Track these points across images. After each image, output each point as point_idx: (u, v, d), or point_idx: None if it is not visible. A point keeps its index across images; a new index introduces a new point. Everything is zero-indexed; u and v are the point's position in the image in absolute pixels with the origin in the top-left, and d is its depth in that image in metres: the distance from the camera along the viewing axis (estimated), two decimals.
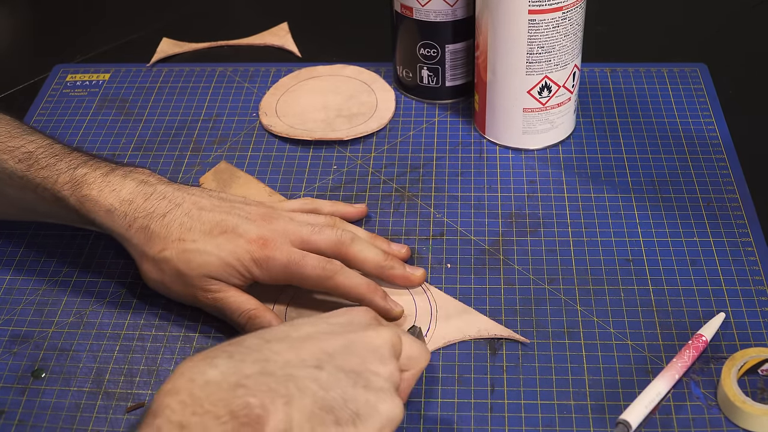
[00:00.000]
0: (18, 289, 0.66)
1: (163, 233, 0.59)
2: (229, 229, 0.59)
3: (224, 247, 0.59)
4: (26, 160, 0.62)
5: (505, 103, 0.73)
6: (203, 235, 0.59)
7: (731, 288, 0.63)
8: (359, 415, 0.45)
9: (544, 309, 0.62)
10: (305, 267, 0.59)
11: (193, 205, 0.60)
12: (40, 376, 0.60)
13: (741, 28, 0.89)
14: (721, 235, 0.67)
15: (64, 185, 0.61)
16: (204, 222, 0.59)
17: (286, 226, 0.61)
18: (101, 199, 0.60)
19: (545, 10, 0.67)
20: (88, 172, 0.61)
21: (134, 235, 0.60)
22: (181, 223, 0.59)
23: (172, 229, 0.59)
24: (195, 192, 0.62)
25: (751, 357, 0.57)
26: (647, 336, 0.60)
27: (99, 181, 0.61)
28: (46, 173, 0.61)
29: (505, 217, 0.69)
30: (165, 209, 0.60)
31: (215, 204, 0.61)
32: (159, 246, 0.59)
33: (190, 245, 0.59)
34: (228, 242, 0.59)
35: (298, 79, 0.83)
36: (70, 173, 0.61)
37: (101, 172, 0.61)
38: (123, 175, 0.61)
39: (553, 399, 0.57)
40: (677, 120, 0.78)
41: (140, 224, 0.59)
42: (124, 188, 0.60)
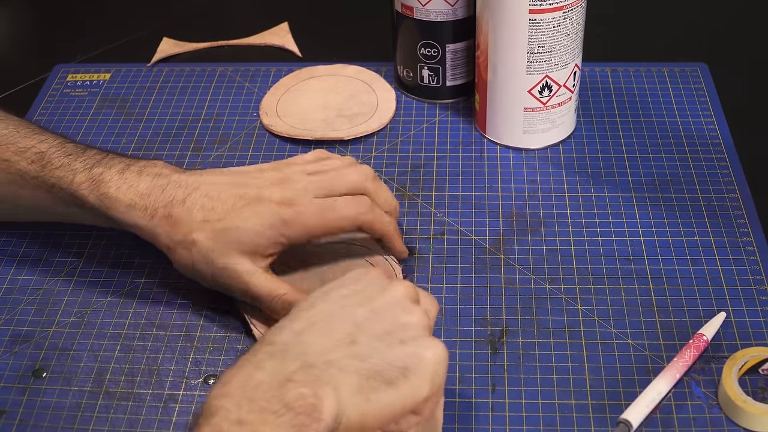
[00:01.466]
0: (19, 289, 0.66)
1: (186, 217, 0.59)
2: (252, 199, 0.59)
3: (251, 218, 0.59)
4: (39, 161, 0.62)
5: (505, 103, 0.73)
6: (227, 211, 0.59)
7: (732, 287, 0.63)
8: (407, 368, 0.47)
9: (545, 308, 0.62)
10: (339, 210, 0.60)
11: (210, 186, 0.61)
12: (41, 375, 0.60)
13: (742, 28, 0.89)
14: (721, 234, 0.67)
15: (81, 184, 0.61)
16: (225, 199, 0.60)
17: (306, 182, 0.61)
18: (120, 195, 0.60)
19: (546, 9, 0.67)
20: (105, 171, 0.61)
21: (158, 225, 0.60)
22: (202, 204, 0.59)
23: (194, 212, 0.59)
24: (209, 173, 0.62)
25: (752, 356, 0.57)
26: (648, 335, 0.60)
27: (116, 179, 0.61)
28: (62, 173, 0.62)
29: (505, 217, 0.69)
30: (183, 195, 0.60)
31: (231, 180, 0.61)
32: (185, 229, 0.59)
33: (217, 224, 0.59)
34: (254, 212, 0.59)
35: (299, 78, 0.83)
36: (87, 173, 0.61)
37: (117, 169, 0.61)
38: (138, 171, 0.61)
39: (555, 398, 0.57)
40: (678, 119, 0.78)
41: (162, 213, 0.60)
42: (141, 183, 0.61)
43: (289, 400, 0.44)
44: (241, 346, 0.61)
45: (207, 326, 0.62)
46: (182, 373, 0.59)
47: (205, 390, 0.58)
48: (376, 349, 0.47)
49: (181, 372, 0.59)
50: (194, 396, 0.58)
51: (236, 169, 0.63)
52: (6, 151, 0.63)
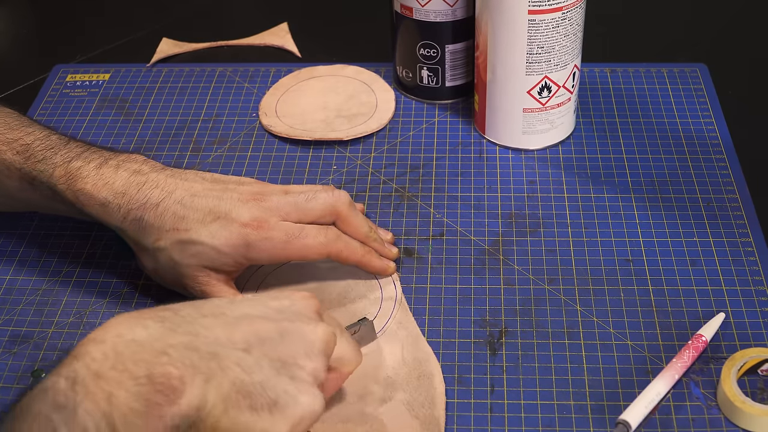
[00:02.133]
0: (18, 289, 0.66)
1: (157, 223, 0.59)
2: (222, 215, 0.59)
3: (218, 234, 0.59)
4: (24, 153, 0.62)
5: (504, 104, 0.73)
6: (196, 223, 0.59)
7: (731, 288, 0.63)
8: (277, 403, 0.45)
9: (543, 309, 0.62)
10: (306, 238, 0.60)
11: (186, 192, 0.60)
12: (40, 376, 0.60)
13: (742, 29, 0.89)
14: (720, 235, 0.67)
15: (60, 179, 0.61)
16: (197, 209, 0.59)
17: (279, 201, 0.60)
18: (95, 192, 0.60)
19: (545, 10, 0.67)
20: (83, 165, 0.61)
21: (129, 227, 0.60)
22: (174, 212, 0.59)
23: (166, 218, 0.59)
24: (188, 176, 0.61)
25: (751, 357, 0.57)
26: (647, 336, 0.60)
27: (93, 174, 0.61)
28: (42, 166, 0.62)
29: (504, 218, 0.69)
30: (158, 198, 0.59)
31: (208, 188, 0.61)
32: (153, 236, 0.60)
33: (183, 235, 0.59)
34: (222, 229, 0.59)
35: (298, 79, 0.83)
36: (65, 166, 0.61)
37: (95, 164, 0.61)
38: (116, 166, 0.61)
39: (553, 399, 0.57)
40: (677, 120, 0.78)
41: (134, 216, 0.60)
42: (117, 180, 0.60)
43: (154, 373, 0.42)
44: None
45: None
46: None
47: None
48: (263, 369, 0.45)
49: None
50: None
51: (217, 176, 0.63)
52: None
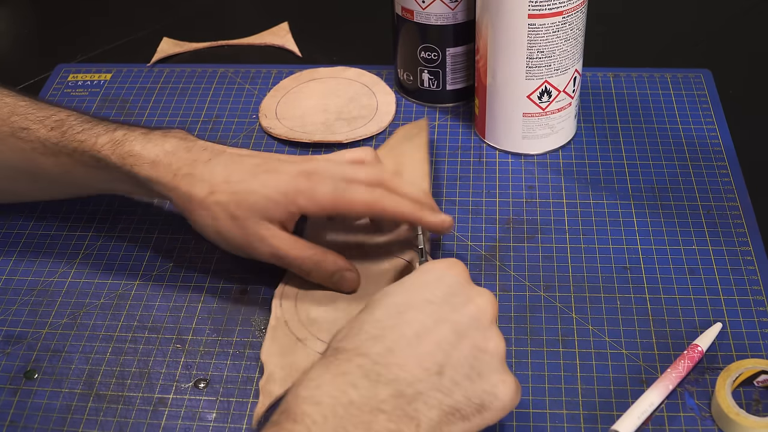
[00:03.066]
0: (13, 290, 0.66)
1: (208, 176, 0.60)
2: (271, 168, 0.60)
3: (269, 183, 0.59)
4: (59, 128, 0.63)
5: (504, 108, 0.73)
6: (247, 174, 0.60)
7: (729, 298, 0.62)
8: (483, 405, 0.49)
9: (539, 316, 0.62)
10: (352, 193, 0.59)
11: (234, 154, 0.62)
12: (33, 376, 0.60)
13: (746, 35, 0.89)
14: (720, 244, 0.66)
15: (104, 145, 0.61)
16: (246, 165, 0.60)
17: (326, 165, 0.61)
18: (145, 152, 0.61)
19: (545, 14, 0.67)
20: (128, 132, 0.62)
21: (180, 183, 0.60)
22: (225, 165, 0.60)
23: (216, 172, 0.60)
24: (234, 148, 0.63)
25: (747, 368, 0.56)
26: (642, 345, 0.59)
27: (141, 138, 0.62)
28: (84, 137, 0.62)
29: (502, 223, 0.69)
30: (207, 157, 0.61)
31: (254, 154, 0.62)
32: (206, 189, 0.60)
33: (236, 186, 0.59)
34: (272, 178, 0.60)
35: (299, 81, 0.83)
36: (109, 135, 0.62)
37: (140, 132, 0.62)
38: (163, 134, 0.62)
39: (546, 408, 0.56)
40: (679, 126, 0.77)
41: (185, 172, 0.60)
42: (167, 142, 0.61)
43: (376, 430, 0.45)
44: (232, 351, 0.61)
45: (199, 330, 0.62)
46: (173, 377, 0.59)
47: (195, 394, 0.58)
48: (458, 385, 0.48)
49: (171, 375, 0.59)
50: (184, 400, 0.58)
51: (263, 153, 0.63)
52: (25, 120, 0.63)
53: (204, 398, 0.58)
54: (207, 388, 0.58)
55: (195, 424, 0.56)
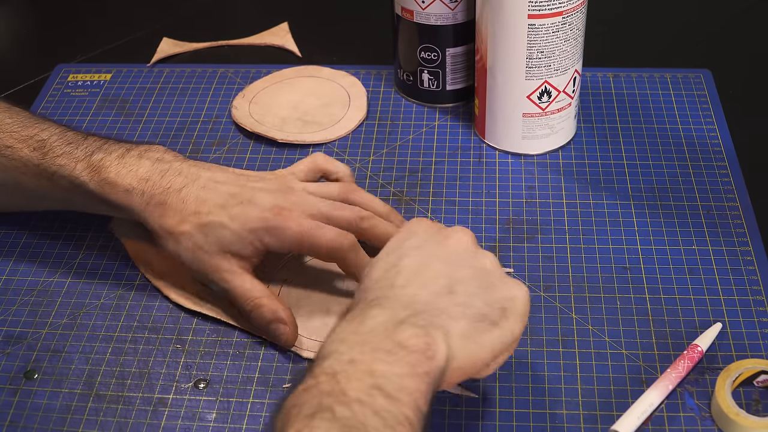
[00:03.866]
0: (13, 290, 0.66)
1: (179, 207, 0.60)
2: (245, 200, 0.60)
3: (238, 217, 0.59)
4: (41, 149, 0.63)
5: (504, 108, 0.73)
6: (218, 207, 0.59)
7: (729, 298, 0.62)
8: (505, 308, 0.50)
9: (539, 317, 0.62)
10: (320, 237, 0.59)
11: (209, 180, 0.61)
12: (33, 377, 0.60)
13: (746, 35, 0.89)
14: (720, 244, 0.66)
15: (82, 171, 0.62)
16: (220, 194, 0.60)
17: (303, 198, 0.61)
18: (119, 180, 0.61)
19: (545, 14, 0.67)
20: (104, 157, 0.62)
21: (152, 211, 0.60)
22: (197, 196, 0.60)
23: (188, 202, 0.60)
24: (211, 167, 0.62)
25: (747, 368, 0.56)
26: (642, 345, 0.59)
27: (116, 164, 0.61)
28: (63, 161, 0.62)
29: (502, 223, 0.69)
30: (181, 184, 0.60)
31: (231, 178, 0.61)
32: (176, 219, 0.60)
33: (205, 218, 0.59)
34: (242, 213, 0.59)
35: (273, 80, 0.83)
36: (87, 160, 0.62)
37: (117, 154, 0.62)
38: (138, 155, 0.62)
39: (546, 408, 0.56)
40: (679, 126, 0.77)
41: (157, 200, 0.60)
42: (141, 168, 0.61)
43: (402, 339, 0.46)
44: (232, 351, 0.61)
45: (199, 330, 0.62)
46: (173, 377, 0.59)
47: (195, 395, 0.58)
48: (474, 296, 0.50)
49: (171, 376, 0.59)
50: (184, 400, 0.58)
51: (238, 170, 0.63)
52: (9, 138, 0.64)
53: (204, 398, 0.58)
54: (207, 388, 0.58)
55: (195, 424, 0.56)
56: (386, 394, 0.43)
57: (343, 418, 0.42)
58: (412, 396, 0.44)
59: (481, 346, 0.49)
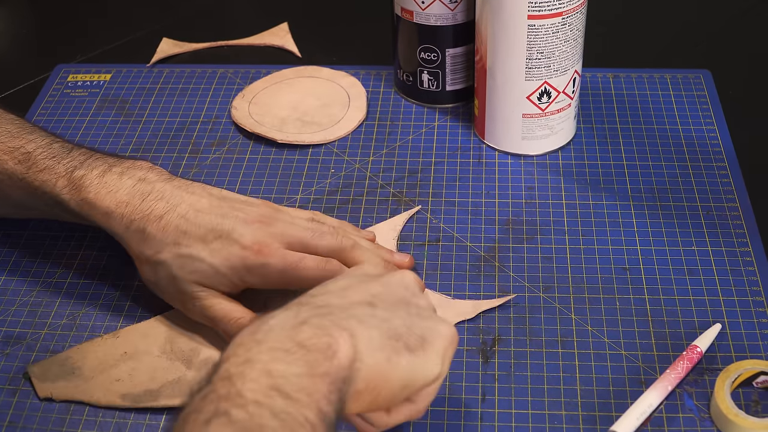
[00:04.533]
0: (12, 290, 0.66)
1: (159, 236, 0.59)
2: (224, 234, 0.58)
3: (218, 254, 0.58)
4: (25, 162, 0.62)
5: (504, 109, 0.73)
6: (198, 240, 0.58)
7: (728, 299, 0.62)
8: (425, 338, 0.47)
9: (538, 317, 0.62)
10: (303, 270, 0.58)
11: (190, 207, 0.59)
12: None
13: (746, 36, 0.89)
14: (719, 245, 0.66)
15: (63, 189, 0.61)
16: (200, 226, 0.59)
17: (284, 228, 0.60)
18: (98, 201, 0.60)
19: (544, 15, 0.67)
20: (86, 174, 0.61)
21: (132, 237, 0.59)
22: (177, 226, 0.59)
23: (168, 232, 0.59)
24: (195, 190, 0.61)
25: (746, 369, 0.56)
26: (642, 346, 0.59)
27: (96, 183, 0.60)
28: (45, 176, 0.61)
29: (502, 224, 0.69)
30: (162, 211, 0.59)
31: (214, 205, 0.60)
32: (155, 249, 0.59)
33: (184, 250, 0.58)
34: (222, 248, 0.58)
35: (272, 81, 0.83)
36: (68, 176, 0.61)
37: (98, 172, 0.61)
38: (120, 173, 0.60)
39: (545, 409, 0.56)
40: (679, 127, 0.77)
41: (137, 226, 0.59)
42: (121, 189, 0.60)
43: (302, 339, 0.43)
44: None
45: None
46: None
47: None
48: (396, 314, 0.48)
49: None
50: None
51: (226, 193, 0.62)
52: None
53: None
54: None
55: None
56: (285, 394, 0.41)
57: (239, 421, 0.40)
58: (312, 397, 0.41)
59: (392, 365, 0.45)
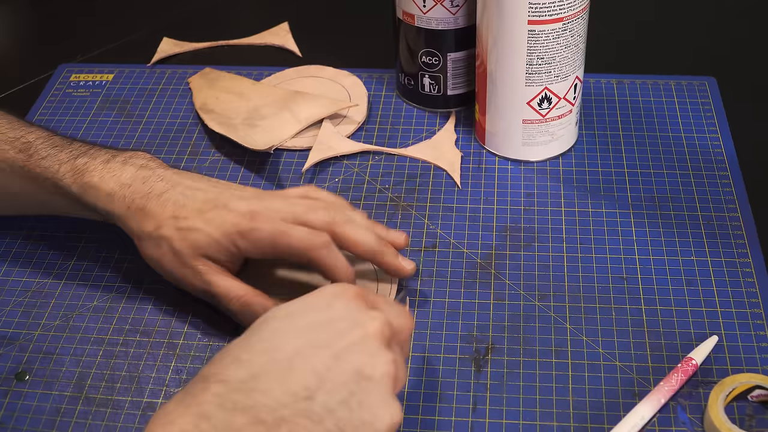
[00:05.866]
0: (7, 290, 0.66)
1: (158, 211, 0.60)
2: (220, 205, 0.60)
3: (212, 222, 0.59)
4: (26, 150, 0.63)
5: (504, 114, 0.72)
6: (195, 212, 0.60)
7: (726, 310, 0.61)
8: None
9: (532, 326, 0.61)
10: (291, 237, 0.58)
11: (189, 187, 0.61)
12: (24, 378, 0.60)
13: (753, 43, 0.88)
14: (719, 255, 0.65)
15: (66, 174, 0.62)
16: (197, 200, 0.60)
17: (279, 203, 0.60)
18: (102, 184, 0.61)
19: (545, 20, 0.66)
20: (89, 161, 0.62)
21: (132, 215, 0.61)
22: (176, 201, 0.60)
23: (167, 206, 0.60)
24: (192, 176, 0.63)
25: (741, 383, 0.55)
26: (636, 357, 0.59)
27: (100, 169, 0.62)
28: (47, 163, 0.63)
29: (499, 230, 0.68)
30: (162, 189, 0.61)
31: (211, 186, 0.62)
32: (154, 223, 0.60)
33: (182, 222, 0.60)
34: (217, 217, 0.59)
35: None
36: (71, 163, 0.62)
37: (101, 159, 0.62)
38: (123, 161, 0.62)
39: (536, 419, 0.56)
40: (682, 134, 0.76)
41: (138, 204, 0.60)
42: (124, 173, 0.61)
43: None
44: None
45: (191, 334, 0.62)
46: (162, 381, 0.59)
47: None
48: (332, 412, 0.45)
49: (161, 380, 0.59)
50: None
51: (221, 181, 0.64)
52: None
53: None
54: None
55: None
56: None
57: None
58: None
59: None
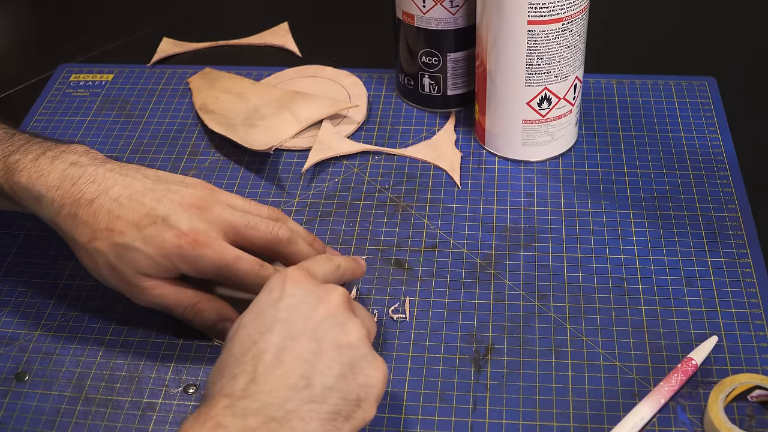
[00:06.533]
0: (7, 290, 0.66)
1: (91, 221, 0.57)
2: (158, 220, 0.56)
3: (152, 241, 0.56)
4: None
5: (504, 115, 0.72)
6: (131, 226, 0.56)
7: (726, 311, 0.61)
8: (360, 399, 0.49)
9: (532, 327, 0.61)
10: (238, 271, 0.57)
11: (124, 190, 0.57)
12: (24, 378, 0.60)
13: (752, 43, 0.88)
14: (719, 255, 0.65)
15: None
16: (133, 210, 0.57)
17: (220, 214, 0.58)
18: (30, 185, 0.58)
19: (545, 20, 0.66)
20: (20, 158, 0.59)
21: (62, 222, 0.58)
22: (109, 210, 0.57)
23: (100, 217, 0.57)
24: (129, 172, 0.59)
25: (741, 383, 0.55)
26: (636, 357, 0.59)
27: (29, 167, 0.58)
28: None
29: (499, 231, 0.68)
30: (93, 194, 0.57)
31: (148, 187, 0.58)
32: (88, 234, 0.57)
33: (118, 237, 0.56)
34: (156, 235, 0.56)
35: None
36: (5, 160, 0.59)
37: (32, 156, 0.59)
38: (53, 158, 0.59)
39: (536, 420, 0.56)
40: (682, 135, 0.76)
41: (68, 211, 0.57)
42: (52, 173, 0.58)
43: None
44: None
45: (191, 334, 0.62)
46: (162, 382, 0.59)
47: (184, 399, 0.58)
48: (333, 389, 0.48)
49: (161, 380, 0.59)
50: (172, 405, 0.57)
51: (161, 174, 0.60)
52: None
53: (193, 403, 0.58)
54: (196, 393, 0.58)
55: None
56: None
57: None
58: None
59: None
